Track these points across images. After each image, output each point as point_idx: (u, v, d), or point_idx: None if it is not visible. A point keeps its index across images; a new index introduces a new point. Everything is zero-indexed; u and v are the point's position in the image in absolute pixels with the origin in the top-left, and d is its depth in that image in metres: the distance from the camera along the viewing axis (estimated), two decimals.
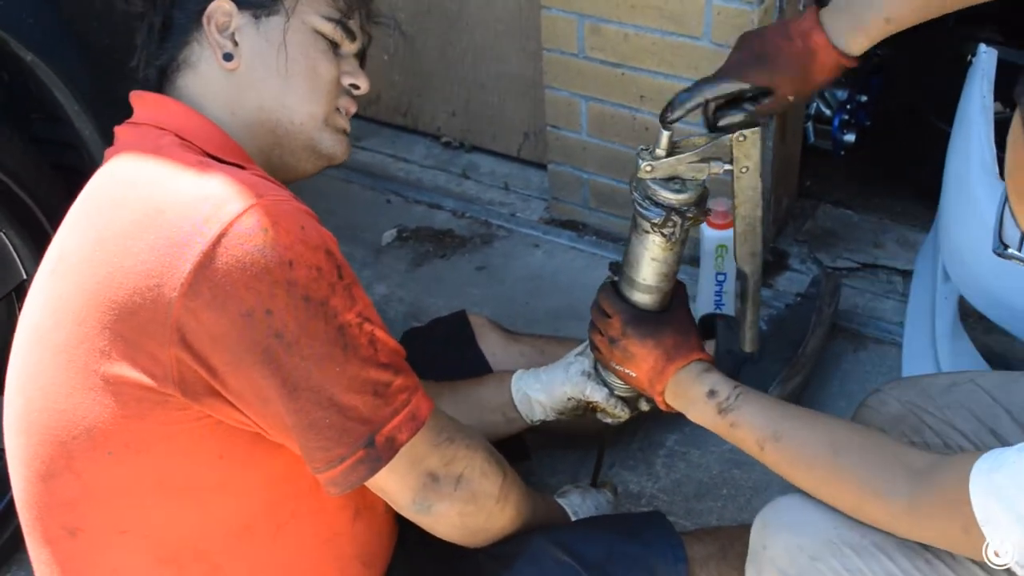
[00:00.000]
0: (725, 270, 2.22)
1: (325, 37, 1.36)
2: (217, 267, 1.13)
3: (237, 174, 1.20)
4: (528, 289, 2.47)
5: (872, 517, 1.24)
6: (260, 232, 1.14)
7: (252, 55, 1.33)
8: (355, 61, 1.42)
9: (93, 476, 1.24)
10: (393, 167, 2.91)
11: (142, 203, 1.19)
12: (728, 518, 1.95)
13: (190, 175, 1.20)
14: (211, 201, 1.15)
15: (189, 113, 1.31)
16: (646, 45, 2.25)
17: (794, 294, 2.30)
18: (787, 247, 2.51)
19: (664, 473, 2.04)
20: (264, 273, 1.14)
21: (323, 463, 1.23)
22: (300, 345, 1.16)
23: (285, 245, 1.15)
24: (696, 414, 1.42)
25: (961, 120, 1.94)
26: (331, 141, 1.40)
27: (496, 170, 2.86)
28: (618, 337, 1.48)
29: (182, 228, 1.14)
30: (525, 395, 1.66)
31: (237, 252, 1.13)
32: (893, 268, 2.42)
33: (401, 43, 2.87)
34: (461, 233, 2.66)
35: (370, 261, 2.60)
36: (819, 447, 1.28)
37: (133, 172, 1.24)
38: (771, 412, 1.35)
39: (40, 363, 1.25)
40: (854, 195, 2.65)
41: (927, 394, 1.52)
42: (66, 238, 1.28)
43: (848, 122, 2.64)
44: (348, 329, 1.20)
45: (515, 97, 2.76)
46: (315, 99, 1.36)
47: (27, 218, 1.88)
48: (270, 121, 1.34)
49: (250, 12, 1.32)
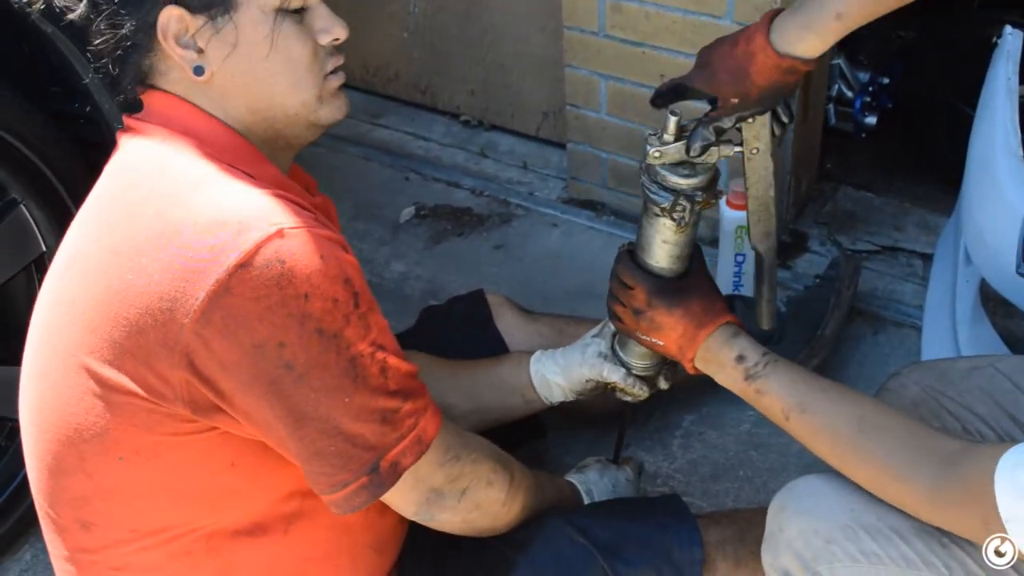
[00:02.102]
0: (744, 251, 2.21)
1: (287, 10, 1.25)
2: (231, 297, 1.12)
3: (255, 196, 1.18)
4: (546, 268, 2.47)
5: (892, 497, 1.23)
6: (276, 263, 1.12)
7: (222, 62, 1.24)
8: (324, 9, 1.30)
9: (104, 477, 1.25)
10: (412, 145, 2.91)
11: (159, 219, 1.17)
12: (745, 499, 1.95)
13: (208, 193, 1.18)
14: (229, 228, 1.13)
15: (198, 115, 1.26)
16: (668, 24, 2.23)
17: (813, 276, 2.29)
18: (807, 229, 2.50)
19: (680, 454, 2.04)
20: (278, 306, 1.13)
21: (326, 487, 1.23)
22: (310, 377, 1.16)
23: (301, 277, 1.13)
24: (724, 378, 1.41)
25: (985, 102, 1.92)
26: (330, 110, 1.33)
27: (515, 149, 2.85)
28: (643, 308, 1.45)
29: (199, 254, 1.13)
30: (543, 377, 1.66)
31: (252, 283, 1.12)
32: (913, 251, 2.41)
33: (421, 21, 2.86)
34: (479, 211, 2.66)
35: (388, 239, 2.60)
36: (845, 422, 1.27)
37: (151, 180, 1.22)
38: (799, 382, 1.34)
39: (51, 362, 1.25)
40: (875, 178, 2.63)
41: (947, 378, 1.51)
42: (81, 238, 1.27)
43: (870, 104, 2.62)
44: (360, 360, 1.19)
45: (535, 76, 2.75)
46: (302, 85, 1.28)
47: (47, 191, 1.89)
48: (264, 119, 1.29)
49: (205, 15, 1.22)
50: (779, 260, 2.39)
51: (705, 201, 1.42)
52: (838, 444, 1.27)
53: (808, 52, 1.28)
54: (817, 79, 2.39)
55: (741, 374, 1.38)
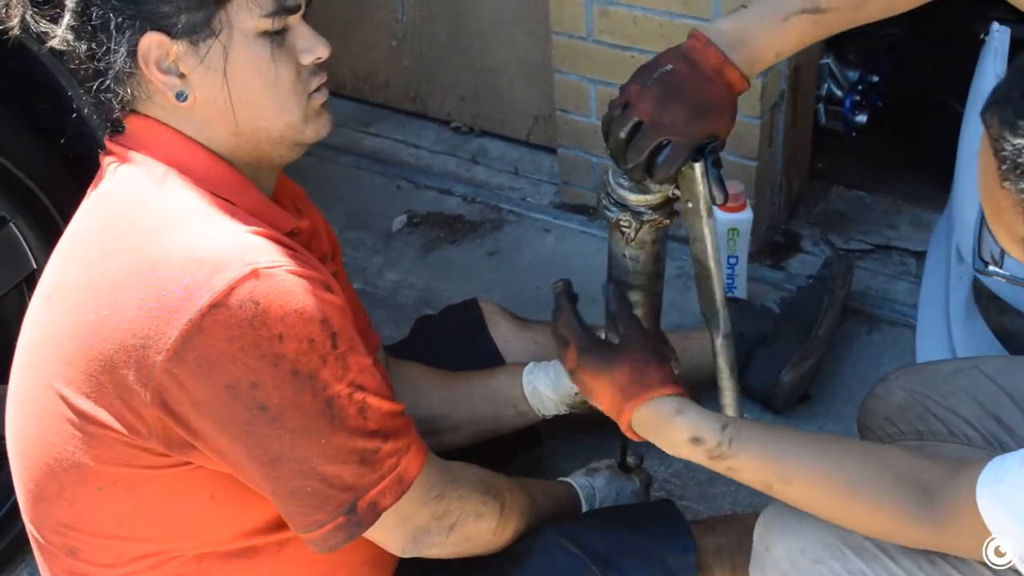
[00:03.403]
0: (737, 252, 2.21)
1: (270, 33, 1.22)
2: (204, 337, 1.11)
3: (233, 233, 1.17)
4: (539, 274, 2.46)
5: (895, 539, 1.21)
6: (250, 304, 1.11)
7: (204, 88, 1.22)
8: (305, 28, 1.27)
9: (85, 506, 1.24)
10: (403, 152, 2.90)
11: (136, 255, 1.16)
12: (742, 503, 1.94)
13: (185, 230, 1.16)
14: (204, 267, 1.12)
15: (180, 142, 1.25)
16: (655, 27, 2.23)
17: (806, 276, 2.28)
18: (799, 229, 2.49)
19: (677, 458, 2.03)
20: (252, 347, 1.12)
21: (301, 526, 1.22)
22: (285, 418, 1.15)
23: (276, 318, 1.12)
24: (685, 456, 1.30)
25: (974, 99, 1.92)
26: (315, 129, 1.31)
27: (506, 155, 2.85)
28: (574, 368, 1.38)
29: (173, 292, 1.12)
30: (535, 389, 1.65)
31: (225, 324, 1.11)
32: (906, 249, 2.41)
33: (409, 28, 2.86)
34: (471, 218, 2.65)
35: (380, 247, 2.60)
36: (832, 484, 1.21)
37: (132, 214, 1.20)
38: (771, 451, 1.24)
39: (32, 391, 1.25)
40: (866, 176, 2.63)
41: (932, 382, 1.50)
42: (62, 267, 1.26)
43: (860, 103, 2.62)
44: (336, 401, 1.17)
45: (524, 81, 2.75)
46: (287, 108, 1.26)
47: (36, 208, 1.88)
48: (249, 142, 1.27)
49: (186, 40, 1.19)
50: (771, 261, 2.40)
51: (655, 222, 1.36)
52: (829, 506, 1.22)
53: (753, 76, 1.31)
54: (806, 79, 2.39)
55: (704, 455, 1.27)
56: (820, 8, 1.27)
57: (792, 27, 1.28)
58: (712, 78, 1.27)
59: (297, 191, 1.48)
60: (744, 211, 2.19)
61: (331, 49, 1.28)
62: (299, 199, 1.48)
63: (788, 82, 2.28)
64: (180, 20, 1.17)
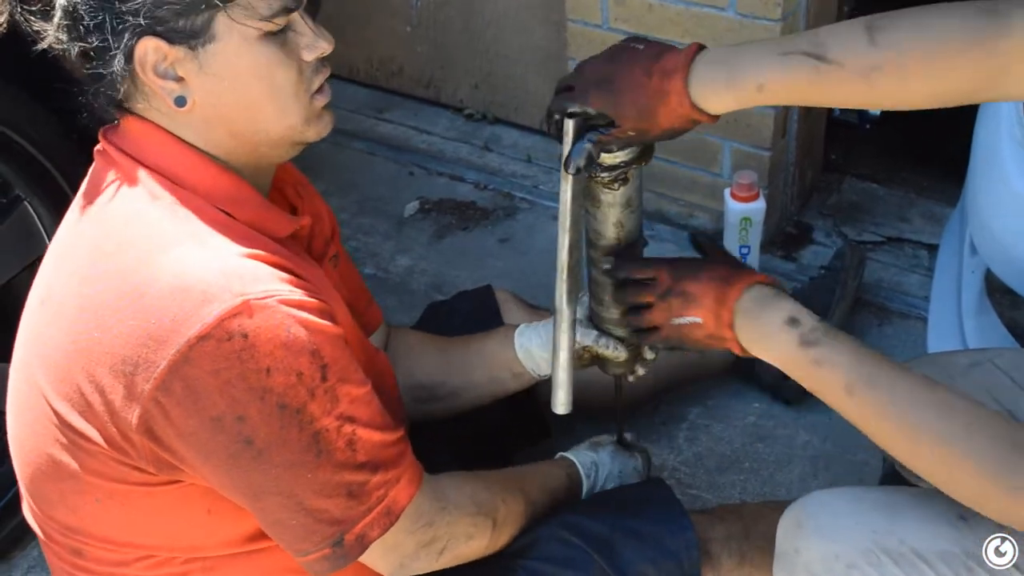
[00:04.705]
0: (749, 242, 2.21)
1: (271, 34, 1.18)
2: (191, 368, 1.10)
3: (225, 259, 1.15)
4: (550, 261, 2.44)
5: (962, 485, 1.12)
6: (239, 337, 1.10)
7: (204, 93, 1.19)
8: (307, 23, 1.23)
9: (86, 515, 1.25)
10: (416, 139, 2.90)
11: (126, 279, 1.14)
12: (751, 491, 1.95)
13: (176, 255, 1.14)
14: (193, 297, 1.11)
15: (176, 148, 1.22)
16: (671, 16, 2.23)
17: (818, 267, 2.28)
18: (812, 220, 2.49)
19: (686, 446, 2.04)
20: (239, 379, 1.11)
21: (288, 549, 1.23)
22: (271, 452, 1.14)
23: (264, 351, 1.11)
24: (773, 347, 1.23)
25: None
26: (316, 129, 1.28)
27: (519, 142, 2.84)
28: (671, 284, 1.31)
29: (161, 322, 1.11)
30: (527, 350, 1.63)
31: (213, 356, 1.10)
32: (919, 242, 2.40)
33: (424, 15, 2.86)
34: (483, 205, 2.66)
35: (393, 233, 2.60)
36: (920, 404, 1.12)
37: (123, 231, 1.18)
38: (863, 354, 1.17)
39: (28, 399, 1.25)
40: (880, 168, 2.62)
41: (947, 374, 1.47)
42: (54, 276, 1.25)
43: None
44: (324, 435, 1.16)
45: (538, 69, 2.74)
46: (287, 110, 1.23)
47: (51, 187, 1.89)
48: (247, 143, 1.25)
49: (184, 45, 1.15)
50: (783, 252, 2.40)
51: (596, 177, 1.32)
52: (907, 425, 1.13)
53: (720, 110, 1.21)
54: None
55: (795, 339, 1.20)
56: (825, 57, 1.16)
57: (787, 65, 1.17)
58: (653, 73, 1.21)
59: (298, 177, 1.47)
60: (757, 201, 2.19)
61: (334, 43, 1.25)
62: (299, 184, 1.46)
63: None
64: (178, 25, 1.14)
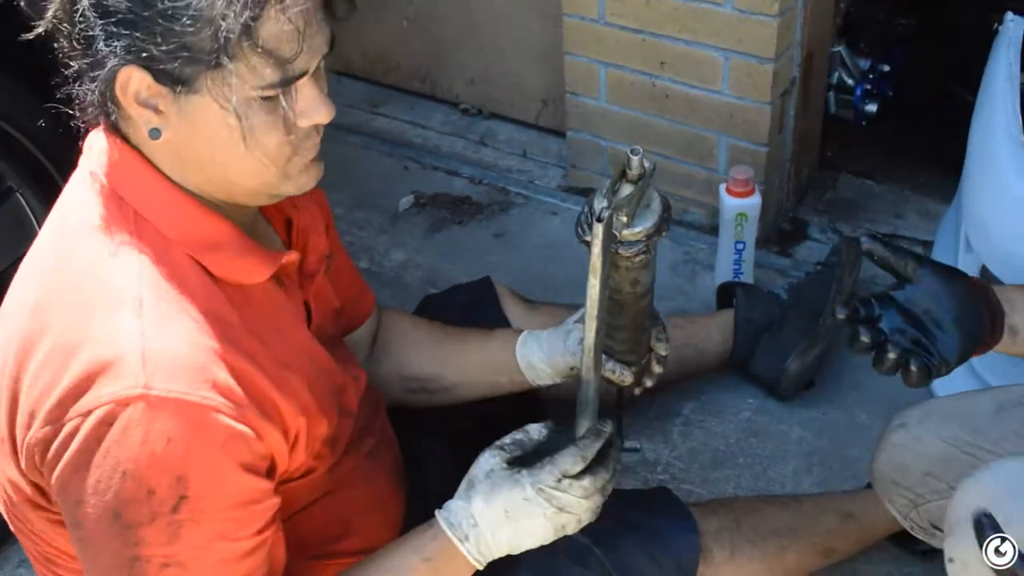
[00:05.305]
0: (744, 238, 2.21)
1: (268, 98, 1.11)
2: (66, 437, 1.08)
3: (155, 338, 1.09)
4: (546, 256, 2.46)
5: None
6: (118, 429, 1.06)
7: (178, 135, 1.12)
8: (312, 87, 1.14)
9: (48, 545, 1.25)
10: (411, 133, 2.90)
11: (64, 335, 1.11)
12: (745, 486, 1.95)
13: (113, 321, 1.10)
14: (104, 368, 1.07)
15: (150, 179, 1.16)
16: (668, 10, 2.22)
17: (814, 263, 2.28)
18: (807, 217, 2.49)
19: (680, 441, 2.04)
20: (94, 468, 1.07)
21: None
22: (89, 544, 1.12)
23: (129, 453, 1.06)
24: None
25: (986, 88, 1.92)
26: (297, 185, 1.20)
27: (514, 137, 2.84)
28: None
29: (68, 381, 1.09)
30: (529, 362, 1.61)
31: (87, 435, 1.07)
32: (914, 239, 2.40)
33: (420, 9, 2.85)
34: (478, 200, 2.65)
35: (387, 227, 2.59)
36: None
37: (79, 278, 1.15)
38: None
39: None
40: (875, 166, 2.62)
41: (972, 425, 1.40)
42: (16, 291, 1.23)
43: (870, 92, 2.62)
44: (140, 564, 1.09)
45: (534, 64, 2.74)
46: (266, 168, 1.15)
47: (43, 179, 1.88)
48: (222, 189, 1.18)
49: (168, 87, 1.08)
50: (778, 248, 2.40)
51: None
52: None
53: None
54: (818, 66, 2.39)
55: None
56: None
57: None
58: None
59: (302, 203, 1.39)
60: (753, 196, 2.19)
61: (335, 112, 1.17)
62: (298, 205, 1.39)
63: (800, 69, 2.27)
64: (167, 67, 1.07)
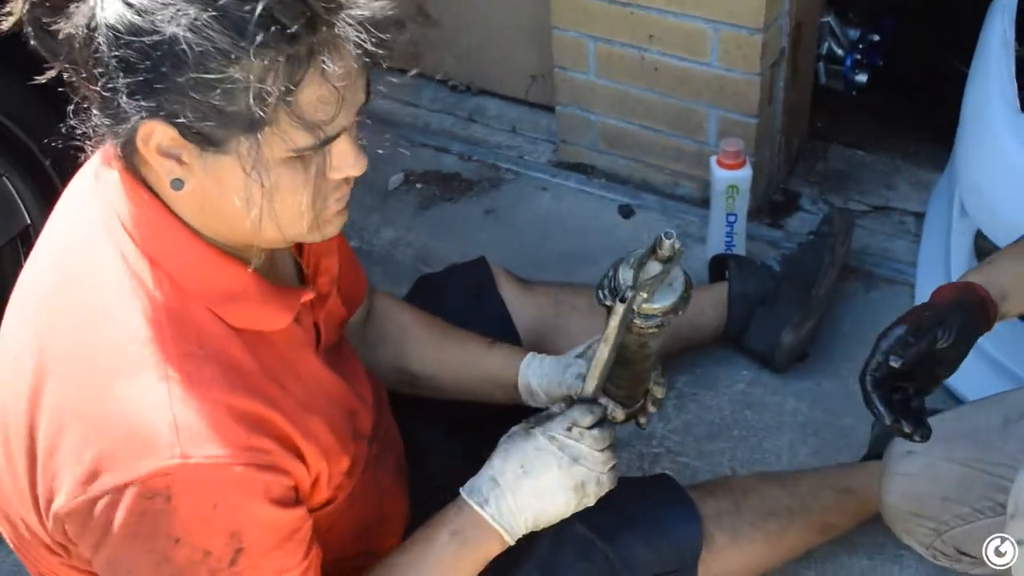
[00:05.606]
0: (735, 210, 2.20)
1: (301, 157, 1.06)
2: (108, 511, 1.05)
3: (185, 405, 1.05)
4: (537, 232, 2.45)
5: None
6: (162, 500, 1.04)
7: (202, 189, 1.06)
8: (347, 142, 1.11)
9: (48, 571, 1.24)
10: (400, 111, 2.88)
11: (78, 401, 1.07)
12: (740, 458, 1.95)
13: (138, 387, 1.06)
14: (136, 444, 1.04)
15: (168, 228, 1.10)
16: None
17: (806, 233, 2.27)
18: (798, 188, 2.48)
19: (675, 415, 2.04)
20: (145, 539, 1.06)
21: None
22: None
23: (181, 521, 1.05)
24: None
25: (981, 55, 1.91)
26: (323, 233, 1.15)
27: (504, 113, 2.82)
28: None
29: (100, 453, 1.05)
30: (528, 385, 1.58)
31: (131, 509, 1.04)
32: (905, 210, 2.40)
33: None
34: (468, 176, 2.64)
35: (377, 205, 2.58)
36: None
37: (90, 331, 1.09)
38: None
39: None
40: (866, 136, 2.61)
41: (984, 443, 1.38)
42: (14, 325, 1.18)
43: (860, 62, 2.60)
44: None
45: (522, 39, 2.72)
46: (295, 223, 1.10)
47: (31, 163, 1.87)
48: (243, 240, 1.12)
49: (195, 144, 1.02)
50: (769, 220, 2.39)
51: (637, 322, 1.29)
52: None
53: None
54: (807, 37, 2.37)
55: None
56: None
57: None
58: None
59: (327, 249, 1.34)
60: (743, 168, 2.18)
61: (367, 163, 1.12)
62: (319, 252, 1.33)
63: (789, 39, 2.26)
64: (196, 127, 1.00)
